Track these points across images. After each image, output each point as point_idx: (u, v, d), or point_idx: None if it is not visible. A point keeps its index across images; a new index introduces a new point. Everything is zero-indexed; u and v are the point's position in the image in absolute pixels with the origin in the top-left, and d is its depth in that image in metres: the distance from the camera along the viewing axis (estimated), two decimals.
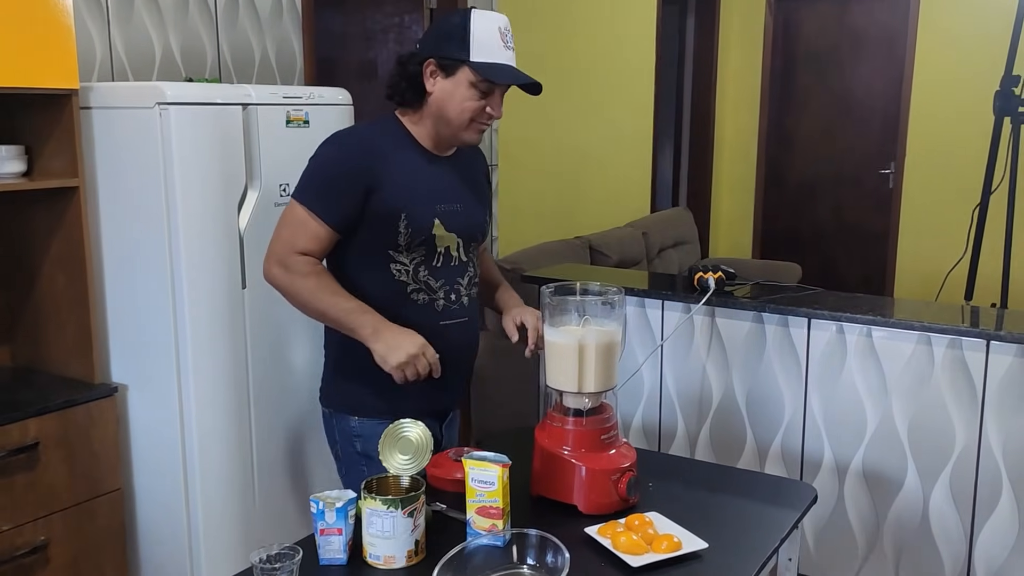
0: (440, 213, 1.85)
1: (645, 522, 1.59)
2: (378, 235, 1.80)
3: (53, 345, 2.35)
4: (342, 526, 1.50)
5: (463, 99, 1.78)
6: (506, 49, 1.78)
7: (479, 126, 1.83)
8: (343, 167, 1.79)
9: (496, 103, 1.81)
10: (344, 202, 1.77)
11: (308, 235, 1.78)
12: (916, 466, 2.08)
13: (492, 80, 1.77)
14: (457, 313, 1.90)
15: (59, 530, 2.17)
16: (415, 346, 1.74)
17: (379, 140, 1.84)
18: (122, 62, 2.62)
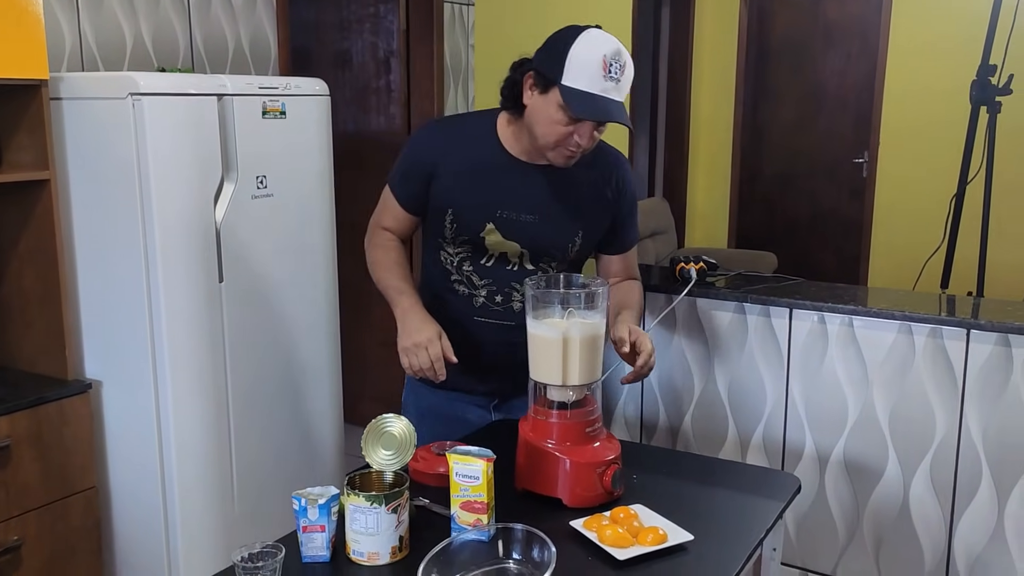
0: (498, 219, 1.80)
1: (630, 515, 1.59)
2: (432, 222, 1.86)
3: (23, 342, 2.30)
4: (325, 523, 1.48)
5: (551, 120, 1.69)
6: (607, 80, 1.65)
7: (565, 151, 1.73)
8: (416, 154, 1.86)
9: (585, 132, 1.70)
10: (412, 187, 1.85)
11: (389, 213, 1.91)
12: (897, 455, 2.09)
13: (574, 110, 1.66)
14: (499, 314, 1.86)
15: (33, 530, 2.13)
16: (422, 337, 1.75)
17: (459, 134, 1.85)
18: (92, 52, 2.57)
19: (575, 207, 1.85)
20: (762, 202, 6.32)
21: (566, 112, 1.67)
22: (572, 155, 1.74)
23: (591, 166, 1.85)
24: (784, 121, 6.16)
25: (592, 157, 1.83)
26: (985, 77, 3.06)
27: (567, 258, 1.88)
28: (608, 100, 1.65)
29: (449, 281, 1.89)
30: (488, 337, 1.87)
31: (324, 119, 2.51)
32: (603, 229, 1.90)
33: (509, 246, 1.82)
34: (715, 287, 2.29)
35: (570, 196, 1.84)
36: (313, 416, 2.56)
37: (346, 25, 4.08)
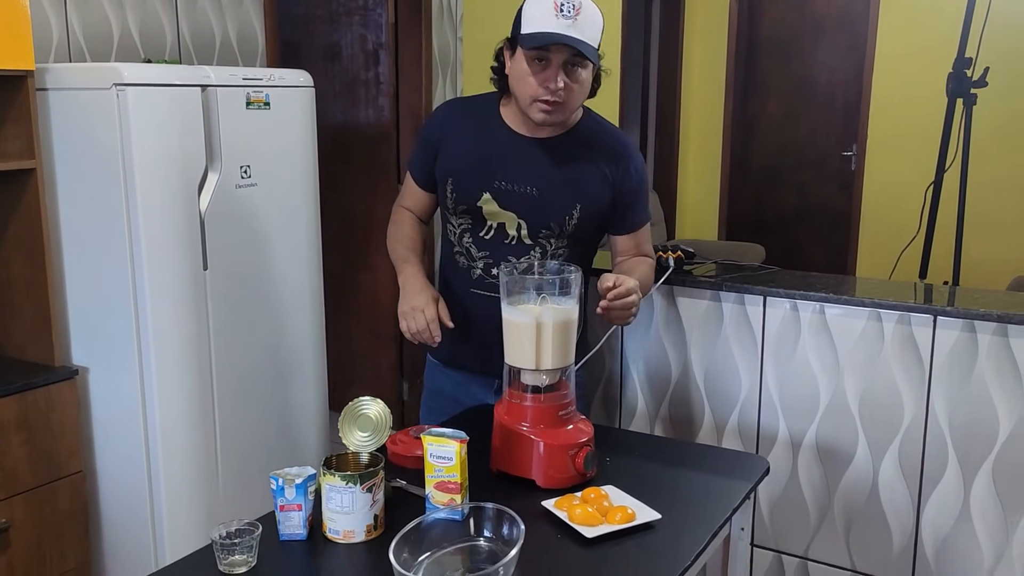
0: (495, 189, 1.86)
1: (600, 495, 1.63)
2: (440, 194, 1.94)
3: (11, 329, 2.34)
4: (301, 502, 1.51)
5: (522, 75, 1.77)
6: (560, 18, 1.71)
7: (540, 104, 1.78)
8: (428, 129, 1.98)
9: (551, 76, 1.75)
10: (423, 163, 1.95)
11: (408, 192, 2.03)
12: (867, 439, 2.13)
13: (525, 46, 1.73)
14: (495, 287, 1.87)
15: (20, 513, 2.17)
16: (418, 301, 1.85)
17: (464, 110, 1.97)
18: (79, 43, 2.60)
19: (574, 181, 1.89)
20: (751, 194, 6.36)
21: (529, 57, 1.75)
22: (549, 107, 1.77)
23: (593, 145, 1.91)
24: (774, 114, 6.20)
25: (597, 135, 1.93)
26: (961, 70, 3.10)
27: (565, 232, 1.90)
28: (559, 34, 1.70)
29: (453, 253, 1.97)
30: (485, 311, 1.90)
31: (308, 110, 2.54)
32: (604, 206, 1.92)
33: (506, 216, 1.87)
34: (692, 275, 2.32)
35: (569, 170, 1.89)
36: (297, 402, 2.60)
37: (335, 18, 4.11)
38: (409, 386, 4.14)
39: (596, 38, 1.78)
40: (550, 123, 1.83)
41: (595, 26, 1.77)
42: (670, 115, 6.35)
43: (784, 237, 6.17)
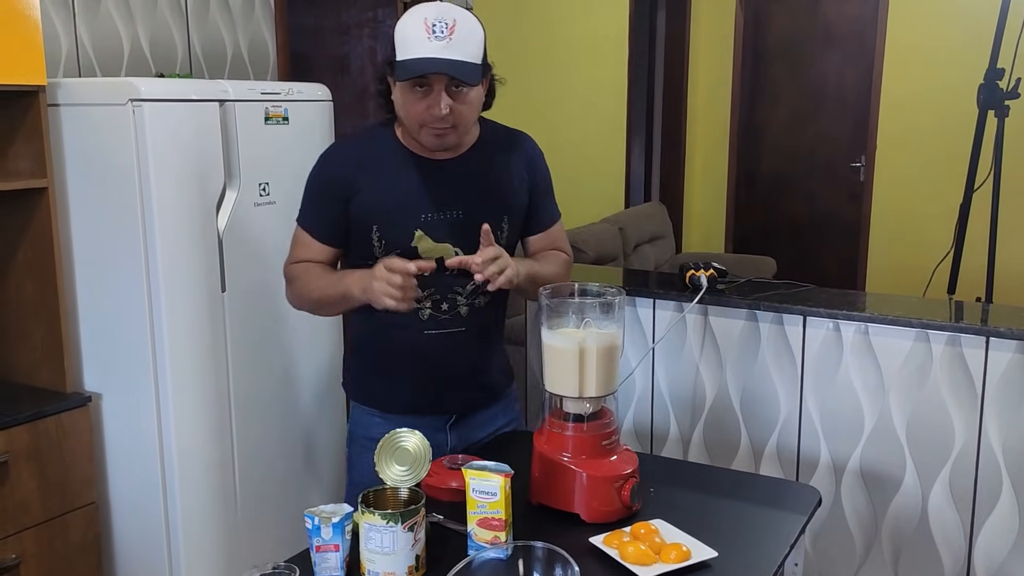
0: (424, 224, 1.74)
1: (651, 530, 1.55)
2: (357, 246, 1.76)
3: (20, 354, 2.25)
4: (339, 542, 1.43)
5: (406, 103, 1.67)
6: (432, 40, 1.60)
7: (431, 129, 1.68)
8: (323, 181, 1.78)
9: (436, 101, 1.63)
10: (326, 215, 1.76)
11: (306, 251, 1.80)
12: (915, 464, 2.06)
13: (398, 77, 1.63)
14: (448, 322, 1.79)
15: (31, 547, 2.07)
16: (376, 270, 1.62)
17: (362, 149, 1.79)
18: (89, 57, 2.52)
19: (495, 193, 1.81)
20: (759, 206, 6.30)
21: (408, 86, 1.64)
22: (440, 132, 1.68)
23: (501, 150, 1.84)
24: (781, 124, 6.15)
25: (500, 141, 1.84)
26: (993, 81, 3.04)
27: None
28: (435, 59, 1.59)
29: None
30: (442, 349, 1.80)
31: (327, 124, 2.46)
32: (525, 211, 1.86)
33: (442, 249, 1.75)
34: (726, 295, 2.25)
35: (488, 183, 1.80)
36: (317, 427, 2.52)
37: (344, 30, 4.04)
38: None
39: (477, 53, 1.66)
40: (444, 148, 1.73)
41: (473, 41, 1.65)
42: (676, 125, 6.30)
43: (792, 248, 6.12)
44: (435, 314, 1.79)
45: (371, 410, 1.88)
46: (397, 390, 1.84)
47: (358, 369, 1.91)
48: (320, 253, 1.79)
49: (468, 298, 1.80)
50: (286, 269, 1.82)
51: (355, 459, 1.92)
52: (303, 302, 1.81)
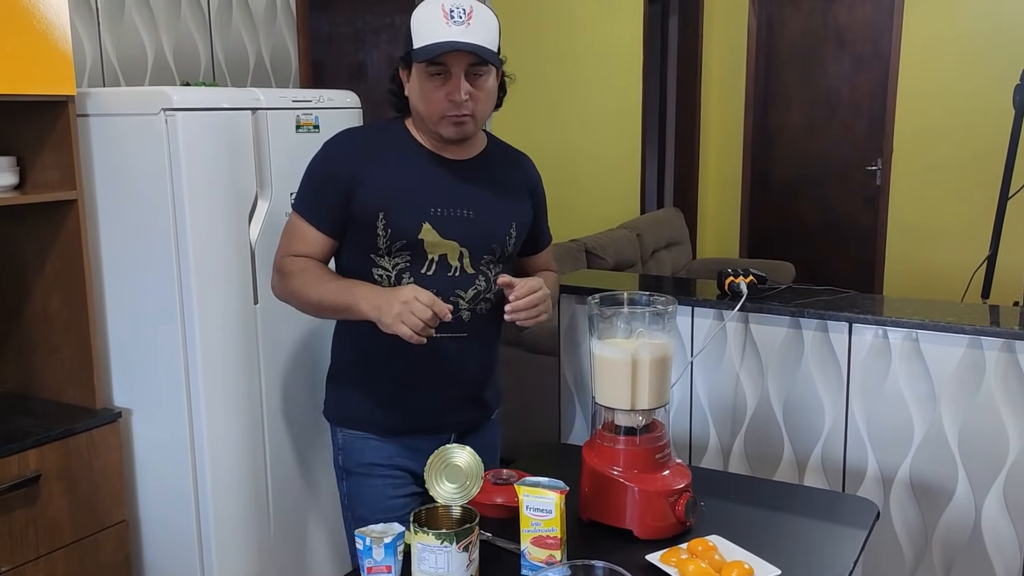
0: (434, 217, 1.69)
1: (709, 547, 1.50)
2: (361, 237, 1.70)
3: (47, 369, 2.21)
4: (391, 563, 1.39)
5: (423, 92, 1.65)
6: (452, 25, 1.60)
7: (451, 118, 1.65)
8: (327, 169, 1.72)
9: (456, 87, 1.62)
10: (329, 205, 1.70)
11: (302, 241, 1.73)
12: (967, 475, 2.00)
13: (419, 60, 1.61)
14: (450, 326, 1.68)
15: (62, 568, 2.02)
16: (405, 295, 1.56)
17: (372, 140, 1.76)
18: (113, 67, 2.48)
19: (505, 198, 1.79)
20: (773, 210, 6.25)
21: (427, 73, 1.63)
22: (459, 120, 1.66)
23: (507, 163, 1.84)
24: (795, 128, 6.11)
25: (505, 155, 1.84)
26: None
27: (505, 254, 1.78)
28: (454, 42, 1.59)
29: None
30: (443, 355, 1.72)
31: None
32: (530, 224, 1.84)
33: (448, 246, 1.70)
34: (768, 302, 2.20)
35: (498, 188, 1.78)
36: None
37: (361, 36, 4.01)
38: None
39: (493, 41, 1.65)
40: (463, 137, 1.71)
41: (490, 29, 1.65)
42: (689, 131, 6.26)
43: (808, 253, 6.07)
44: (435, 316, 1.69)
45: (365, 434, 1.79)
46: (395, 405, 1.76)
47: (348, 390, 1.82)
48: (318, 244, 1.72)
49: (471, 303, 1.74)
50: (281, 261, 1.75)
51: (356, 492, 1.81)
52: (296, 299, 1.73)
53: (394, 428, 1.77)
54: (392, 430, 1.77)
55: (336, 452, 1.84)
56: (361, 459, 1.79)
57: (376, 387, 1.77)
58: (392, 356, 1.71)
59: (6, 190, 2.04)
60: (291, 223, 1.76)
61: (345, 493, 1.84)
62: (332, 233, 1.72)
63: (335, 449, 1.85)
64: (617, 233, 4.80)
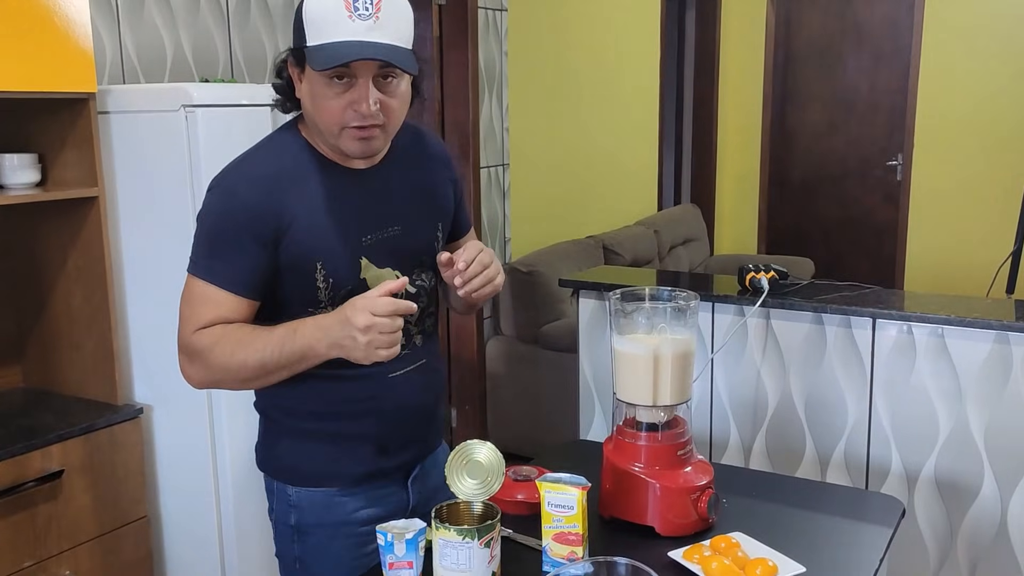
0: (367, 248, 1.45)
1: (732, 544, 1.49)
2: (295, 292, 1.41)
3: (68, 365, 2.22)
4: (412, 559, 1.38)
5: (320, 98, 1.35)
6: (356, 20, 1.30)
7: (355, 131, 1.36)
8: (237, 218, 1.38)
9: (361, 96, 1.33)
10: (247, 261, 1.38)
11: (213, 310, 1.40)
12: (994, 473, 1.98)
13: (316, 67, 1.31)
14: (409, 359, 1.51)
15: (84, 564, 2.04)
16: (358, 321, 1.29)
17: (277, 170, 1.42)
18: (133, 64, 2.49)
19: (426, 199, 1.55)
20: (791, 206, 6.22)
21: (325, 78, 1.33)
22: (366, 135, 1.37)
23: (418, 150, 1.56)
24: (814, 124, 6.07)
25: (417, 140, 1.57)
26: None
27: (433, 262, 1.54)
28: (362, 43, 1.30)
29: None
30: (405, 391, 1.53)
31: None
32: (452, 215, 1.61)
33: (386, 274, 1.46)
34: (790, 297, 2.18)
35: (417, 188, 1.53)
36: None
37: None
38: (458, 413, 4.01)
39: (408, 36, 1.37)
40: (370, 154, 1.42)
41: (403, 20, 1.36)
42: (707, 126, 6.23)
43: (826, 250, 6.04)
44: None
45: (326, 490, 1.52)
46: (358, 457, 1.52)
47: (297, 444, 1.53)
48: (238, 311, 1.39)
49: (419, 325, 1.55)
50: (188, 340, 1.42)
51: (313, 557, 1.55)
52: (228, 375, 1.40)
53: (355, 479, 1.53)
54: (353, 482, 1.53)
55: (286, 508, 1.55)
56: (323, 519, 1.53)
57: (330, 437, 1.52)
58: (347, 400, 1.49)
59: (28, 187, 2.06)
60: (194, 292, 1.42)
61: (296, 557, 1.56)
62: (254, 295, 1.40)
63: (283, 504, 1.55)
64: (634, 229, 4.79)
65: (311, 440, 1.53)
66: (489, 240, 3.97)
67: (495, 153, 4.00)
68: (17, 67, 1.88)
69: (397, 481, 1.59)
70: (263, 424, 1.60)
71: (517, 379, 3.89)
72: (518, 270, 3.80)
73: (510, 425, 3.91)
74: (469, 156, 3.84)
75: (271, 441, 1.58)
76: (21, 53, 1.88)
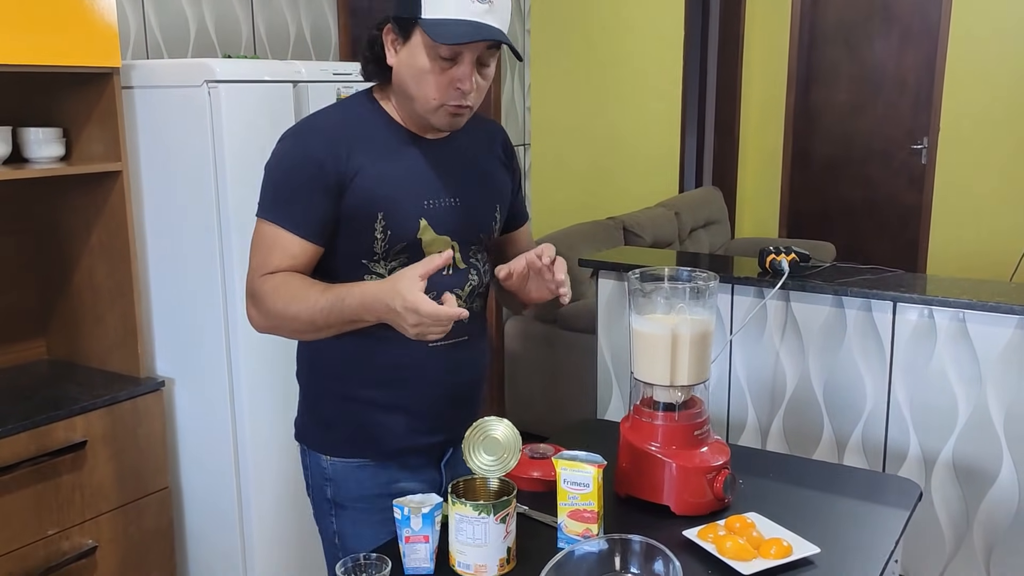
0: (428, 212, 1.47)
1: (747, 524, 1.49)
2: (352, 242, 1.45)
3: (92, 338, 2.25)
4: (428, 533, 1.40)
5: (422, 71, 1.38)
6: (474, 2, 1.34)
7: (449, 107, 1.40)
8: (308, 163, 1.43)
9: (465, 74, 1.37)
10: (315, 207, 1.42)
11: (282, 254, 1.43)
12: (1012, 458, 1.97)
13: (436, 39, 1.34)
14: (452, 331, 1.45)
15: (107, 533, 2.07)
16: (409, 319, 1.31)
17: (346, 124, 1.48)
18: (156, 40, 2.50)
19: (485, 178, 1.57)
20: (814, 189, 6.16)
21: (435, 53, 1.36)
22: (459, 111, 1.41)
23: (481, 133, 1.59)
24: (838, 105, 6.00)
25: (479, 127, 1.58)
26: None
27: (490, 242, 1.60)
28: (481, 24, 1.34)
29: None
30: (445, 365, 1.55)
31: None
32: (510, 200, 1.63)
33: (441, 242, 1.49)
34: (811, 280, 2.17)
35: (478, 168, 1.56)
36: None
37: None
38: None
39: (508, 23, 1.42)
40: (455, 129, 1.47)
41: (508, 8, 1.42)
42: (729, 108, 6.17)
43: (849, 233, 5.98)
44: None
45: (359, 461, 1.56)
46: (393, 428, 1.55)
47: (334, 413, 1.57)
48: (303, 256, 1.43)
49: (467, 301, 1.55)
50: (254, 284, 1.45)
51: (352, 531, 1.58)
52: (282, 323, 1.44)
53: (390, 452, 1.56)
54: (386, 455, 1.56)
55: (321, 482, 1.59)
56: (355, 492, 1.57)
57: (368, 405, 1.55)
58: (386, 368, 1.52)
59: (53, 161, 2.08)
60: (264, 234, 1.45)
61: (335, 531, 1.61)
62: (320, 240, 1.44)
63: (318, 478, 1.60)
64: (655, 211, 4.77)
65: (347, 406, 1.56)
66: None
67: (516, 133, 3.99)
68: (42, 42, 1.89)
69: (431, 462, 1.62)
70: (302, 393, 1.64)
71: (536, 359, 3.90)
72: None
73: (528, 404, 3.93)
74: None
75: (308, 409, 1.62)
76: (46, 28, 1.90)
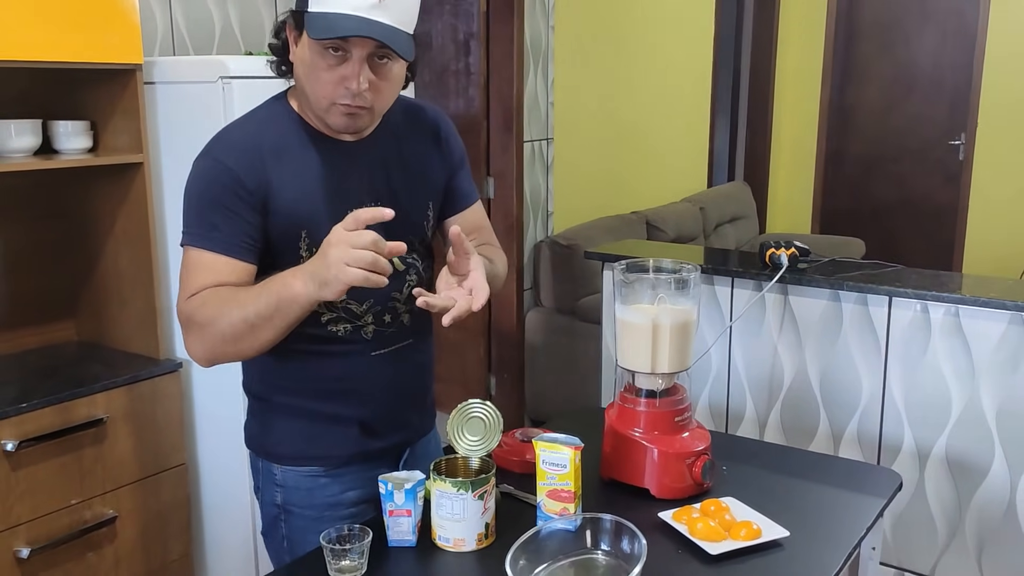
0: None
1: (721, 507, 1.54)
2: (277, 260, 1.38)
3: (117, 321, 2.37)
4: (411, 507, 1.47)
5: (312, 67, 1.33)
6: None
7: (341, 108, 1.34)
8: (224, 182, 1.36)
9: (352, 73, 1.31)
10: (238, 224, 1.36)
11: (207, 274, 1.36)
12: (1004, 452, 1.98)
13: (313, 35, 1.29)
14: (395, 337, 1.51)
15: (127, 504, 2.19)
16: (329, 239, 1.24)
17: (263, 136, 1.41)
18: (183, 36, 2.61)
19: (417, 177, 1.52)
20: (848, 186, 6.12)
21: (321, 48, 1.30)
22: (352, 111, 1.35)
23: (411, 127, 1.54)
24: (873, 102, 5.94)
25: (410, 113, 1.54)
26: None
27: (426, 240, 1.57)
28: (366, 20, 1.27)
29: (321, 328, 1.45)
30: (392, 371, 1.54)
31: None
32: (443, 192, 1.58)
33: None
34: (808, 274, 2.20)
35: (408, 167, 1.51)
36: None
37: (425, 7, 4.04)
38: (497, 381, 4.10)
39: (411, 20, 1.36)
40: (354, 131, 1.41)
41: (409, 3, 1.34)
42: (763, 103, 6.15)
43: (883, 231, 5.93)
44: (380, 329, 1.50)
45: (311, 470, 1.53)
46: (344, 438, 1.53)
47: (283, 423, 1.53)
48: (234, 275, 1.35)
49: (407, 304, 1.51)
50: (181, 308, 1.37)
51: (300, 537, 1.53)
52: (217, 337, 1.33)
53: (341, 460, 1.54)
54: (339, 462, 1.54)
55: (271, 489, 1.55)
56: (307, 501, 1.54)
57: (316, 416, 1.52)
58: (331, 379, 1.50)
59: (80, 152, 2.19)
60: (189, 260, 1.38)
61: (283, 536, 1.56)
62: (249, 257, 1.37)
63: (268, 484, 1.56)
64: (680, 206, 4.79)
65: (296, 419, 1.53)
66: (530, 212, 4.02)
67: (539, 127, 4.04)
68: (70, 39, 2.01)
69: (386, 464, 1.59)
70: (250, 403, 1.60)
71: (555, 349, 3.96)
72: (558, 243, 3.85)
73: (547, 394, 3.99)
74: (512, 129, 3.89)
75: (257, 420, 1.58)
76: (74, 26, 2.01)
